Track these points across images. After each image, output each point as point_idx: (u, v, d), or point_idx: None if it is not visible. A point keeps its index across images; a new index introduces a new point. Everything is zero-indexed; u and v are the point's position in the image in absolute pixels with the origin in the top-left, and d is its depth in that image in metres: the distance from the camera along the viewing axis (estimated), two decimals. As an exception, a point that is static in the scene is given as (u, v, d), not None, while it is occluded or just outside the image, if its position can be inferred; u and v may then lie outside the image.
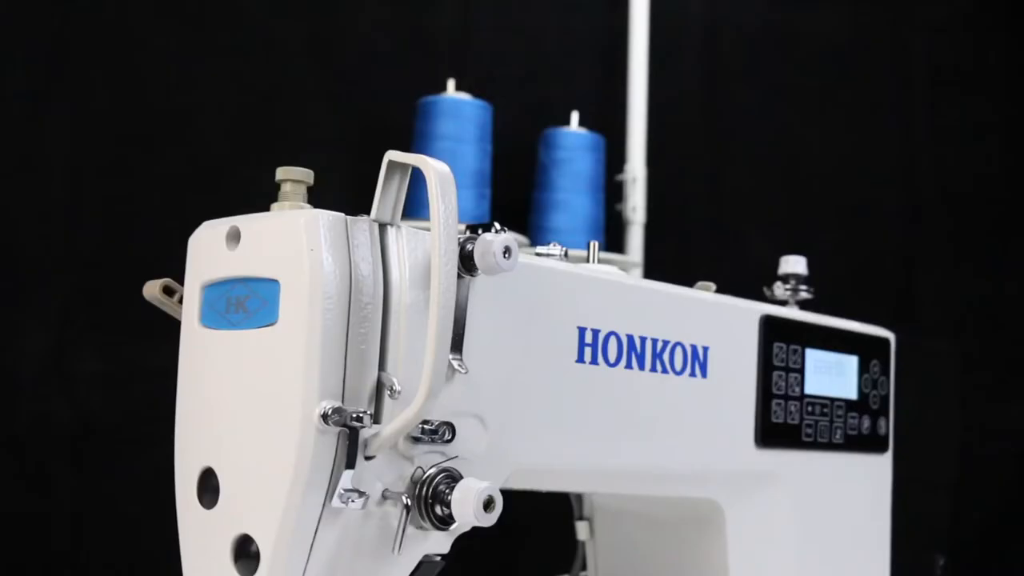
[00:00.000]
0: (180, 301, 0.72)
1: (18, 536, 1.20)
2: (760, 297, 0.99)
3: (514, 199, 1.49)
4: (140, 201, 1.30)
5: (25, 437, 1.23)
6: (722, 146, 1.74)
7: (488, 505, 0.65)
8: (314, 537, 0.63)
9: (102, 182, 1.28)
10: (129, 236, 1.24)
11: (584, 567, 1.05)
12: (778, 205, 1.73)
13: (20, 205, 1.23)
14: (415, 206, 1.04)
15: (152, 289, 0.73)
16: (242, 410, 0.65)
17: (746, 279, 0.98)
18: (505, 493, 0.66)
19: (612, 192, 1.58)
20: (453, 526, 0.67)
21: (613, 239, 1.55)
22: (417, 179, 0.66)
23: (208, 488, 0.67)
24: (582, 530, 1.01)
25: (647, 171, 1.60)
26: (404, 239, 0.67)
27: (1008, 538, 1.62)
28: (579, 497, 1.01)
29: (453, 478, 0.67)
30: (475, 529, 0.67)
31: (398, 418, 0.63)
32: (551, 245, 0.80)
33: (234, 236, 0.67)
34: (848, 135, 1.76)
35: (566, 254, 0.79)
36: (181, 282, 0.72)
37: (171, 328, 0.71)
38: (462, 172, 1.33)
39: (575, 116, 1.49)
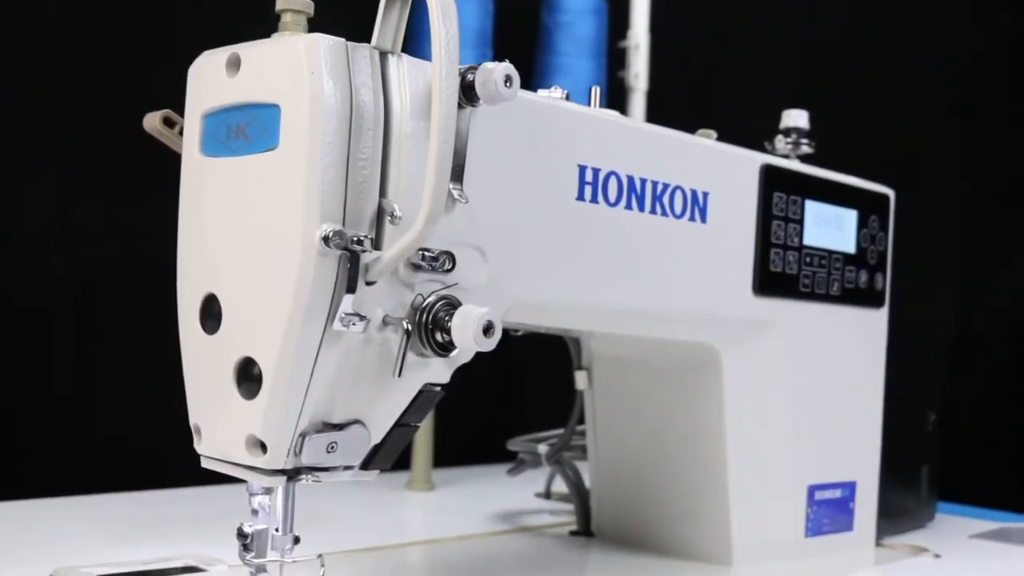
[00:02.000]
0: (180, 133, 0.72)
1: (22, 384, 1.22)
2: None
3: (515, 64, 1.47)
4: (140, 41, 1.28)
5: (27, 293, 1.23)
6: (726, 14, 1.72)
7: (488, 330, 0.65)
8: (315, 360, 0.64)
9: (100, 32, 1.26)
10: (129, 88, 1.23)
11: (583, 419, 1.06)
12: (781, 74, 1.71)
13: (17, 60, 1.22)
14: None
15: (152, 121, 0.73)
16: (244, 236, 0.65)
17: (748, 146, 0.98)
18: (506, 341, 0.67)
19: (615, 59, 1.57)
20: (453, 352, 0.68)
21: (615, 106, 1.53)
22: (417, 13, 0.65)
23: (210, 314, 0.67)
24: (581, 380, 1.03)
25: (650, 38, 1.59)
26: (405, 68, 0.66)
27: (1000, 401, 1.65)
28: (578, 346, 1.02)
29: (453, 305, 0.67)
30: (476, 382, 0.68)
31: (398, 242, 0.64)
32: (552, 88, 0.79)
33: (234, 63, 0.67)
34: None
35: (567, 97, 0.79)
36: (182, 116, 0.72)
37: (172, 185, 0.71)
38: (463, 30, 1.31)
39: (579, -21, 1.47)
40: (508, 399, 1.62)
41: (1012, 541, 1.11)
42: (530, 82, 1.47)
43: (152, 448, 1.28)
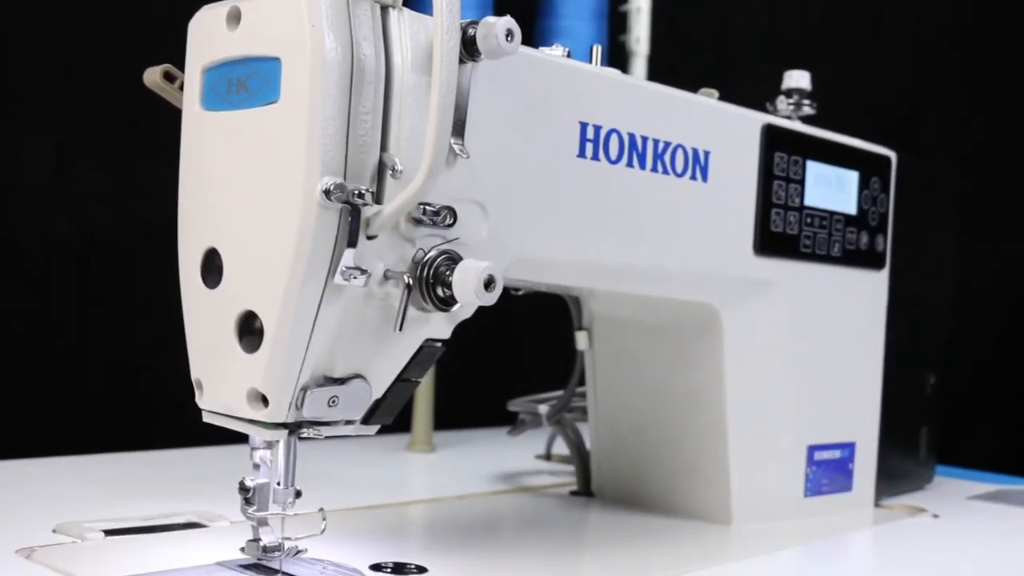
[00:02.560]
0: (180, 88, 0.72)
1: (25, 338, 1.22)
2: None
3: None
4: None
5: (28, 252, 1.23)
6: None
7: (489, 284, 0.65)
8: (316, 314, 0.64)
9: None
10: (129, 47, 1.23)
11: (583, 380, 1.06)
12: (785, 39, 1.71)
13: (17, 17, 1.22)
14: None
15: (152, 76, 0.73)
16: (245, 189, 0.65)
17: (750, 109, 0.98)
18: (507, 300, 0.67)
19: (616, 23, 1.56)
20: (454, 307, 0.68)
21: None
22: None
23: (212, 268, 0.67)
24: (581, 340, 1.03)
25: (651, 2, 1.58)
26: (406, 22, 0.66)
27: (1000, 364, 1.65)
28: (578, 306, 1.02)
29: (453, 260, 0.67)
30: (477, 344, 0.68)
31: (399, 196, 0.64)
32: (554, 46, 0.79)
33: (234, 17, 0.66)
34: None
35: (569, 55, 0.79)
36: (182, 71, 0.71)
37: (172, 144, 0.71)
38: (464, -7, 1.31)
39: (580, -59, 1.46)
40: (509, 362, 1.62)
41: (1010, 502, 1.12)
42: (531, 45, 1.47)
43: (153, 407, 1.29)
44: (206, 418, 0.70)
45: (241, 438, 0.71)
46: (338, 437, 0.72)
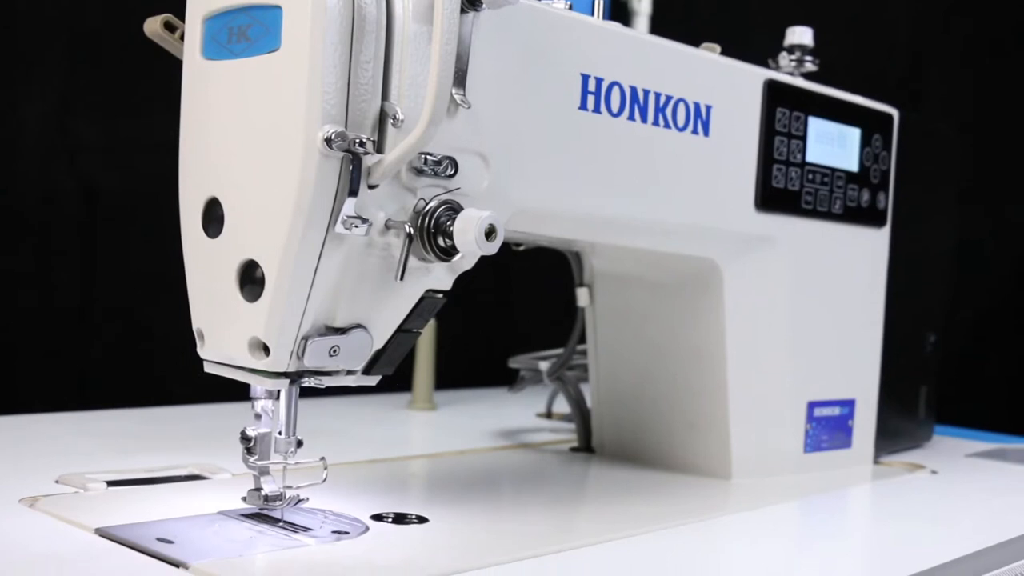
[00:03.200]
0: (181, 38, 0.71)
1: (27, 295, 1.22)
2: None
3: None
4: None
5: (28, 207, 1.23)
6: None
7: (490, 234, 0.65)
8: (317, 263, 0.64)
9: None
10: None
11: (584, 338, 1.07)
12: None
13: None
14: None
15: (153, 26, 0.72)
16: (246, 139, 0.65)
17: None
18: (507, 255, 0.67)
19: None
20: (455, 257, 0.68)
21: (618, 30, 1.53)
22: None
23: (213, 218, 0.67)
24: (582, 297, 1.03)
25: (653, -40, 1.57)
26: (407, -30, 0.66)
27: (1000, 325, 1.65)
28: (579, 262, 1.02)
29: (454, 210, 0.67)
30: (478, 304, 0.68)
31: (400, 144, 0.64)
32: (555, -1, 0.79)
33: (235, -35, 0.66)
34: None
35: (571, 7, 0.79)
36: (182, 21, 0.71)
37: (173, 99, 0.71)
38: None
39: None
40: (509, 322, 1.62)
41: (1008, 460, 1.12)
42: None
43: (154, 364, 1.29)
44: (207, 368, 0.70)
45: (243, 396, 0.71)
46: (339, 392, 0.72)
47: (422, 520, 0.74)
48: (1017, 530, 0.82)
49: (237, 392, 0.73)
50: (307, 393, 0.71)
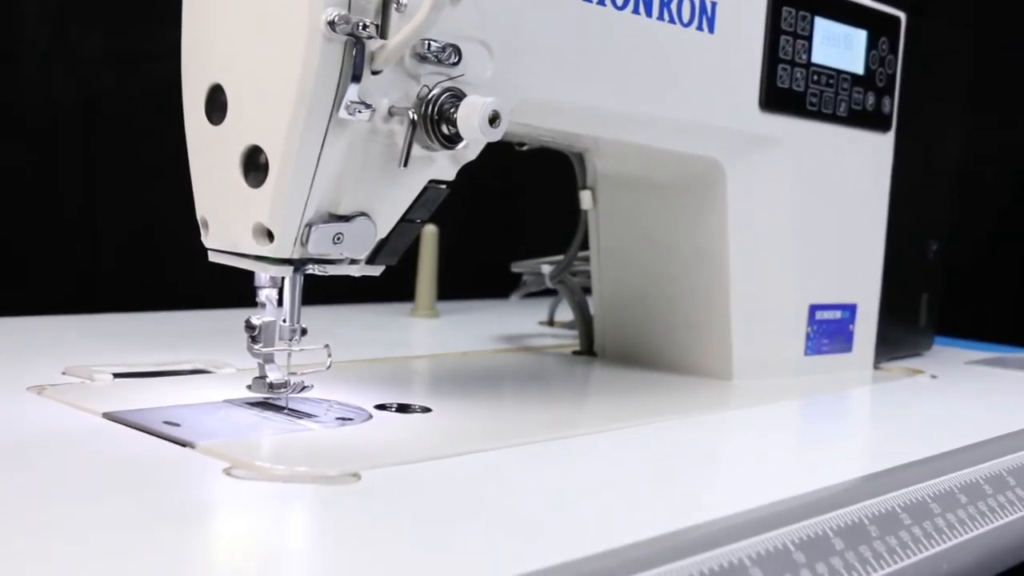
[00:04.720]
0: (183, -76, 0.71)
1: (32, 202, 1.23)
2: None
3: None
4: None
5: (32, 117, 1.23)
6: None
7: (493, 120, 0.65)
8: (321, 148, 0.64)
9: None
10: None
11: (586, 243, 1.07)
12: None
13: None
14: None
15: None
16: (249, 23, 0.65)
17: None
18: (510, 156, 0.66)
19: None
20: (459, 145, 0.68)
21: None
22: None
23: (216, 105, 0.67)
24: (585, 199, 1.03)
25: None
26: None
27: (1003, 236, 1.65)
28: (582, 164, 1.02)
29: (458, 97, 0.67)
30: (480, 214, 0.68)
31: (404, 28, 0.63)
32: None
33: None
34: None
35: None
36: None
37: (173, 6, 0.70)
38: None
39: None
40: (511, 229, 1.62)
41: (1008, 367, 1.13)
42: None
43: (159, 269, 1.29)
44: (212, 257, 0.70)
45: (247, 302, 0.72)
46: (340, 299, 0.72)
47: (426, 410, 0.75)
48: (1016, 425, 0.83)
49: (242, 296, 0.73)
50: (309, 300, 0.71)
